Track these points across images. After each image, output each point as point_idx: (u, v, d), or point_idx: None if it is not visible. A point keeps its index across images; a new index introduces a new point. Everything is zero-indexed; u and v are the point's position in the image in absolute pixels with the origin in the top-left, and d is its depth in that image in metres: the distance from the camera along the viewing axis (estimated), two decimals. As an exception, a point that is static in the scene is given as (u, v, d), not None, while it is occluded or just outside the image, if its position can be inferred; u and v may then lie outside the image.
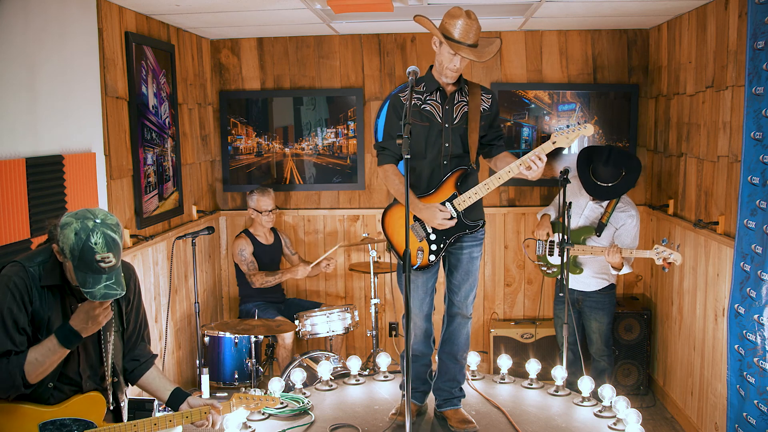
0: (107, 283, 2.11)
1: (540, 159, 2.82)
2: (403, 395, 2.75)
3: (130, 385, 2.57)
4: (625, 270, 4.00)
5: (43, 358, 2.15)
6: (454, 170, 2.97)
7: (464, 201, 2.96)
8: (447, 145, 2.96)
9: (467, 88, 3.01)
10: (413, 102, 2.94)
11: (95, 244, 2.08)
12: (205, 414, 2.48)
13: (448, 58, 2.83)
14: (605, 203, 4.11)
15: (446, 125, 2.95)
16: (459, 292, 3.08)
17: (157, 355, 2.66)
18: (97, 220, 2.11)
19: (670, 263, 3.78)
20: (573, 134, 2.87)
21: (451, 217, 2.94)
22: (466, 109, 2.97)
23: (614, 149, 4.09)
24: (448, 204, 2.96)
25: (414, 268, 2.98)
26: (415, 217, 2.99)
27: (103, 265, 2.09)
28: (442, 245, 2.99)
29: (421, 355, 3.17)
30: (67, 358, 2.26)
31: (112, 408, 2.44)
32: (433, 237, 2.99)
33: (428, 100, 2.96)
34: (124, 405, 2.49)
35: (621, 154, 4.07)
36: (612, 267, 3.99)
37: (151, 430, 2.35)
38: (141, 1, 3.73)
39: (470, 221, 3.00)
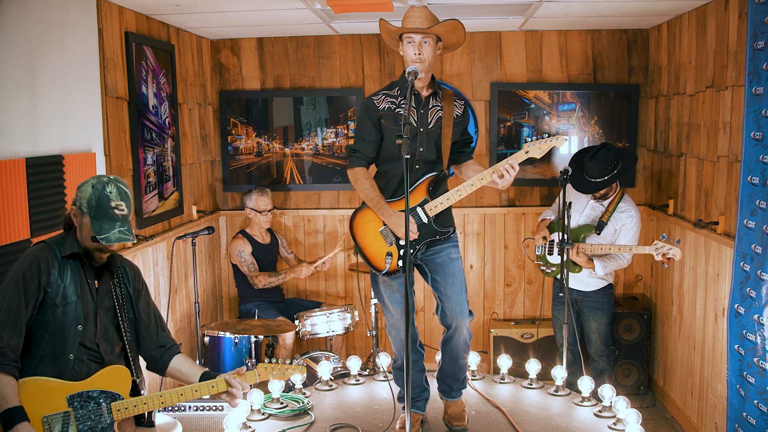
0: (120, 229, 2.35)
1: (513, 168, 2.82)
2: (404, 408, 2.72)
3: (160, 374, 2.66)
4: (599, 271, 3.99)
5: None
6: (426, 175, 2.94)
7: (435, 206, 2.92)
8: (421, 149, 2.92)
9: (441, 93, 3.00)
10: (387, 106, 2.93)
11: (110, 192, 2.36)
12: (231, 380, 2.54)
13: (408, 50, 2.86)
14: (606, 202, 4.11)
15: (421, 129, 2.92)
16: (450, 299, 2.96)
17: (181, 343, 2.75)
18: (111, 177, 2.43)
19: (669, 259, 3.78)
20: (545, 145, 2.89)
21: (418, 228, 2.90)
22: (440, 114, 2.95)
23: (606, 145, 4.07)
24: (419, 209, 2.92)
25: (382, 273, 2.92)
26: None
27: (117, 212, 2.35)
28: (411, 251, 2.92)
29: (414, 362, 3.10)
30: (85, 328, 2.38)
31: (138, 380, 2.51)
32: (402, 242, 2.92)
33: (402, 104, 2.92)
34: (141, 381, 2.56)
35: (610, 150, 4.03)
36: (588, 268, 3.99)
37: (177, 400, 2.47)
38: (141, 1, 3.73)
39: (440, 227, 2.95)
